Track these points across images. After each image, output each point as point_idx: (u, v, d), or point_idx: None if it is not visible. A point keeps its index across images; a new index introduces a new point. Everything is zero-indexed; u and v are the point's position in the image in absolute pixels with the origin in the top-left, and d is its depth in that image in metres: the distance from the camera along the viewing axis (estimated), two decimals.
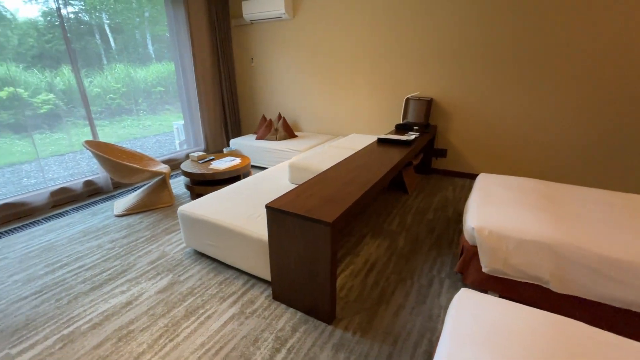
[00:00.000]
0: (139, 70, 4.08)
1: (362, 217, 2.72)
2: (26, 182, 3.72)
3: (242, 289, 1.84)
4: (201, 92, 4.28)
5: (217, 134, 4.63)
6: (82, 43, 3.37)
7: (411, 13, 3.37)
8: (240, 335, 1.52)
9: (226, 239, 1.92)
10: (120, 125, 4.23)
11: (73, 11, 3.23)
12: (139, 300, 1.76)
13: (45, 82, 3.16)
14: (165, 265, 2.07)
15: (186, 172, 3.03)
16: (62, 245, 2.33)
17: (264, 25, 4.32)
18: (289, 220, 1.53)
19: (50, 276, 1.97)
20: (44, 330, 1.56)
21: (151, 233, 2.47)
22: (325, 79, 4.13)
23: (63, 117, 3.29)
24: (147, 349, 1.45)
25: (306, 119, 4.50)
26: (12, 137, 3.21)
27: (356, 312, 1.67)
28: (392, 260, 2.12)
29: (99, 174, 3.34)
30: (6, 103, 2.91)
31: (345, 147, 2.99)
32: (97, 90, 3.68)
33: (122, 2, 3.69)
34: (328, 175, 2.02)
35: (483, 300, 1.13)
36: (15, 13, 2.88)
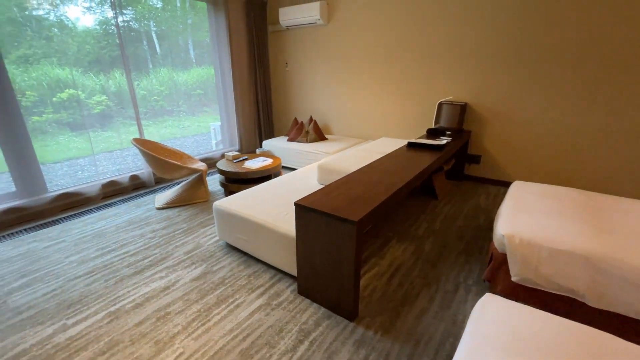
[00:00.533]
0: (181, 74, 4.36)
1: (388, 221, 2.72)
2: (80, 175, 4.10)
3: (270, 282, 1.93)
4: (237, 95, 4.48)
5: (251, 135, 4.82)
6: (132, 49, 3.67)
7: (446, 16, 3.33)
8: (266, 324, 1.60)
9: (256, 233, 2.02)
10: (163, 125, 4.54)
11: (125, 20, 3.54)
12: (175, 286, 1.90)
13: (99, 84, 3.48)
14: (200, 256, 2.21)
15: (221, 170, 3.21)
16: (110, 232, 2.56)
17: (299, 31, 4.46)
18: (316, 218, 1.59)
19: (100, 259, 2.19)
20: (94, 306, 1.74)
21: (188, 226, 2.65)
22: (356, 82, 4.18)
23: (113, 117, 3.61)
24: (182, 330, 1.57)
25: (337, 122, 4.56)
26: (70, 134, 3.56)
27: (379, 312, 1.69)
28: (418, 264, 2.11)
29: (143, 169, 3.62)
30: (66, 104, 3.25)
31: (374, 151, 3.01)
32: (143, 93, 3.98)
33: (168, 10, 3.98)
34: (355, 176, 2.06)
35: (507, 306, 1.12)
36: (76, 22, 3.20)
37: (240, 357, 1.42)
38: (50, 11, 2.96)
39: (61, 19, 3.04)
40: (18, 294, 1.84)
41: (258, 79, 4.61)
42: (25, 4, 2.81)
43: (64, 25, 3.09)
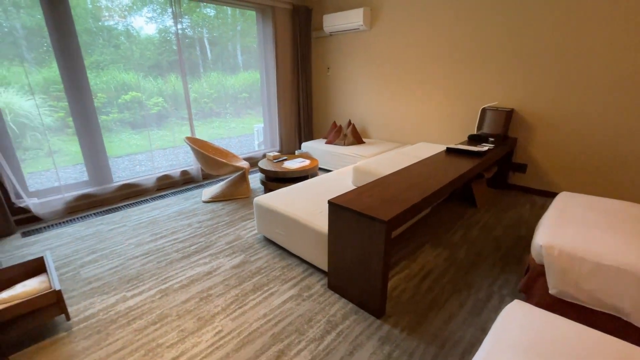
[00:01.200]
0: (229, 78, 4.66)
1: (423, 226, 2.71)
2: (139, 169, 4.56)
3: (302, 275, 2.03)
4: (280, 99, 4.70)
5: (291, 137, 5.02)
6: (186, 54, 4.00)
7: (493, 16, 3.24)
8: (297, 313, 1.71)
9: (291, 228, 2.15)
10: (211, 125, 4.88)
11: (181, 27, 3.88)
12: (217, 271, 2.08)
13: (157, 87, 3.85)
14: (240, 247, 2.38)
15: (262, 169, 3.40)
16: (162, 220, 2.85)
17: (341, 37, 4.57)
18: (348, 216, 1.66)
19: (153, 243, 2.45)
20: (148, 282, 1.97)
21: (230, 219, 2.86)
22: (397, 87, 4.18)
23: (168, 117, 3.97)
24: (221, 311, 1.73)
25: (375, 126, 4.59)
26: (131, 132, 3.98)
27: (406, 312, 1.72)
28: (450, 270, 2.09)
29: (192, 165, 3.94)
30: (129, 105, 3.65)
31: (411, 155, 3.01)
32: (195, 95, 4.32)
33: (220, 17, 4.29)
34: (390, 179, 2.10)
35: (535, 313, 1.11)
36: (140, 31, 3.57)
37: (271, 339, 1.54)
38: (119, 22, 3.36)
39: (128, 28, 3.43)
40: (88, 267, 2.14)
41: (300, 83, 4.80)
42: (99, 16, 3.23)
43: (129, 34, 3.48)
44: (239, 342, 1.52)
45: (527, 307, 1.16)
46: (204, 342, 1.53)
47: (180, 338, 1.55)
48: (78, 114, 3.05)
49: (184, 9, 3.73)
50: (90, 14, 3.19)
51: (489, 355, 0.96)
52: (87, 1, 3.11)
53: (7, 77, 2.81)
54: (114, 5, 3.27)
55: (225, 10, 4.28)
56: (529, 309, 1.15)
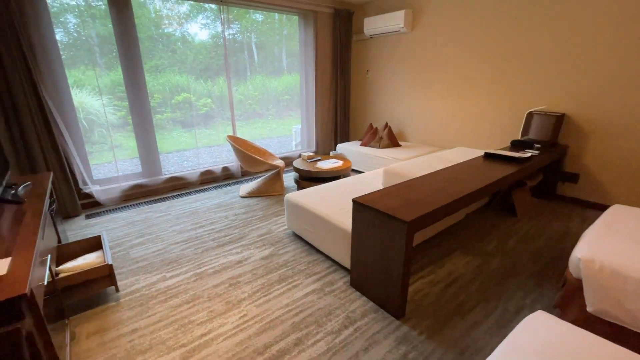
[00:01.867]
0: (273, 80, 4.86)
1: (454, 232, 2.63)
2: (185, 164, 4.93)
3: (326, 271, 2.09)
4: (318, 101, 4.81)
5: (327, 138, 5.10)
6: (234, 58, 4.25)
7: (541, 13, 3.04)
8: (317, 306, 1.76)
9: (318, 225, 2.21)
10: (253, 126, 5.11)
11: (231, 33, 4.13)
12: (247, 261, 2.21)
13: (206, 89, 4.15)
14: (270, 240, 2.50)
15: (296, 168, 3.52)
16: (202, 211, 3.08)
17: (382, 39, 4.57)
18: (371, 215, 1.69)
19: (193, 232, 2.66)
20: (185, 266, 2.16)
21: (263, 213, 3.00)
22: (437, 90, 4.08)
23: (214, 117, 4.25)
24: (247, 297, 1.84)
25: (413, 129, 4.51)
26: (181, 130, 4.31)
27: (427, 316, 1.69)
28: (479, 279, 2.01)
29: (233, 162, 4.19)
30: (180, 105, 3.97)
31: (446, 159, 2.93)
32: (240, 97, 4.57)
33: (267, 22, 4.50)
34: (419, 181, 2.09)
35: (558, 324, 1.05)
36: (194, 37, 3.88)
37: (291, 328, 1.61)
38: (177, 29, 3.68)
39: (184, 34, 3.74)
40: (137, 249, 2.40)
41: (339, 86, 4.87)
42: (160, 24, 3.57)
43: (185, 40, 3.79)
44: (261, 327, 1.62)
45: (550, 318, 1.10)
46: (230, 323, 1.65)
47: (209, 318, 1.69)
48: (136, 113, 3.40)
49: (235, 15, 3.98)
50: (152, 22, 3.54)
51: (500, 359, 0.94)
52: (150, 11, 3.46)
53: (82, 79, 3.23)
54: (173, 13, 3.60)
55: (272, 15, 4.47)
56: (552, 320, 1.09)
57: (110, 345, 1.52)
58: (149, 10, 3.46)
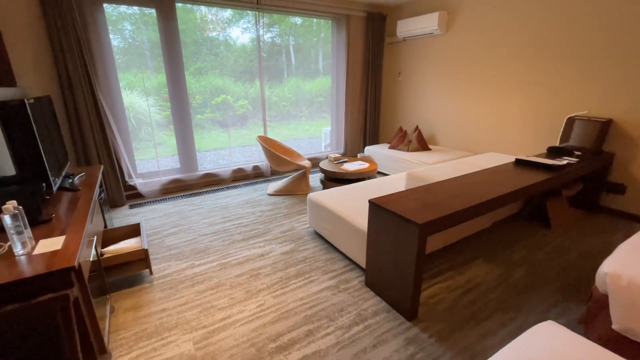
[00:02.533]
0: (307, 83, 4.97)
1: (479, 239, 2.56)
2: (220, 162, 5.21)
3: (342, 270, 2.14)
4: (348, 103, 4.86)
5: (356, 140, 5.14)
6: (273, 61, 4.41)
7: (585, 11, 2.86)
8: (331, 302, 1.83)
9: (337, 225, 2.27)
10: (287, 127, 5.27)
11: (270, 36, 4.29)
12: (268, 255, 2.33)
13: (244, 91, 4.36)
14: (291, 236, 2.61)
15: (322, 169, 3.60)
16: (232, 207, 3.26)
17: (414, 42, 4.52)
18: (385, 216, 1.72)
19: (221, 225, 2.84)
20: (212, 256, 2.32)
21: (288, 211, 3.12)
22: (471, 93, 3.97)
23: (249, 118, 4.46)
24: (266, 288, 1.95)
25: (444, 133, 4.42)
26: (218, 130, 4.55)
27: (440, 320, 1.69)
28: (500, 288, 1.96)
29: (263, 161, 4.37)
30: (219, 106, 4.21)
31: (474, 164, 2.85)
32: (276, 99, 4.73)
33: (305, 26, 4.60)
34: (440, 185, 2.07)
35: (566, 335, 1.03)
36: (236, 40, 4.08)
37: (304, 319, 1.69)
38: (220, 33, 3.91)
39: (226, 38, 3.97)
40: (171, 238, 2.61)
41: (369, 88, 4.89)
42: (205, 28, 3.82)
43: (227, 44, 4.00)
44: (276, 317, 1.71)
45: (560, 329, 1.08)
46: (248, 310, 1.76)
47: (230, 304, 1.82)
48: (177, 113, 3.68)
49: (274, 19, 4.14)
50: (198, 27, 3.80)
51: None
52: (197, 17, 3.72)
53: (133, 81, 3.56)
54: (217, 18, 3.84)
55: (310, 18, 4.56)
56: (562, 330, 1.07)
57: (142, 321, 1.70)
58: (195, 16, 3.72)
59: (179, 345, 1.54)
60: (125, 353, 1.50)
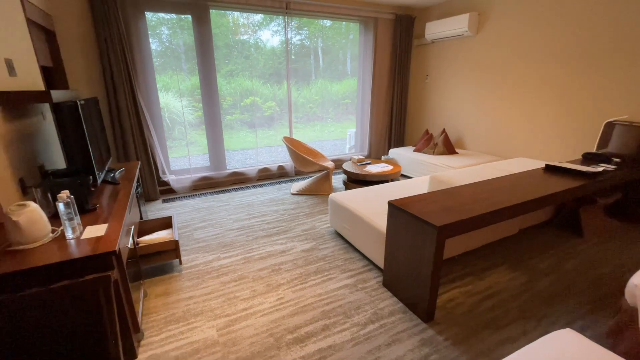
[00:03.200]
0: (334, 84, 5.01)
1: (504, 246, 2.49)
2: (248, 161, 5.39)
3: (360, 269, 2.18)
4: (374, 105, 4.87)
5: (380, 143, 5.13)
6: (301, 63, 4.50)
7: (630, 10, 2.70)
8: (348, 300, 1.87)
9: (357, 225, 2.31)
10: (312, 129, 5.35)
11: (299, 38, 4.38)
12: (290, 252, 2.41)
13: (272, 93, 4.48)
14: (312, 235, 2.68)
15: (345, 170, 3.65)
16: (257, 204, 3.39)
17: (443, 44, 4.46)
18: (404, 218, 1.74)
19: (246, 221, 2.96)
20: (237, 250, 2.44)
21: (310, 211, 3.19)
22: (501, 96, 3.85)
23: (276, 120, 4.58)
24: (286, 282, 2.03)
25: (472, 137, 4.31)
26: (247, 131, 4.72)
27: (457, 324, 1.68)
28: (523, 297, 1.91)
29: (288, 162, 4.48)
30: (248, 107, 4.36)
31: (501, 169, 2.78)
32: (303, 101, 4.82)
33: (334, 27, 4.65)
34: (461, 189, 2.06)
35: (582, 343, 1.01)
36: (266, 43, 4.21)
37: (321, 314, 1.75)
38: (251, 36, 4.05)
39: (257, 41, 4.11)
40: (199, 231, 2.77)
41: (395, 91, 4.87)
42: (237, 32, 3.98)
43: (258, 46, 4.13)
44: (294, 310, 1.78)
45: (577, 337, 1.06)
46: (268, 303, 1.85)
47: (251, 296, 1.91)
48: (209, 114, 3.88)
49: (303, 22, 4.24)
50: (230, 30, 3.97)
51: None
52: (229, 20, 3.90)
53: (169, 83, 3.79)
54: (249, 22, 3.99)
55: (339, 20, 4.60)
56: (579, 338, 1.05)
57: (171, 306, 1.83)
58: (228, 20, 3.89)
59: (203, 330, 1.65)
60: (156, 334, 1.63)
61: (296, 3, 3.86)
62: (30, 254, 1.25)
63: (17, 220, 1.24)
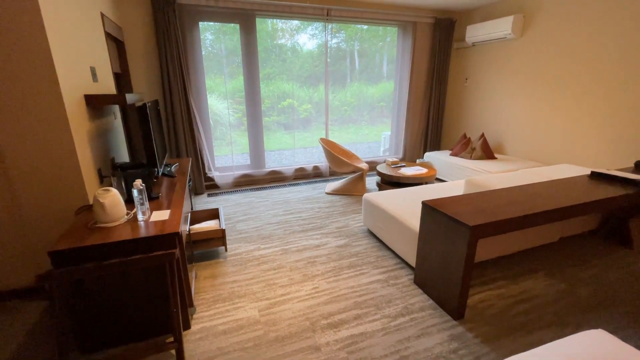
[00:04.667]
0: (370, 87, 5.08)
1: (543, 253, 2.44)
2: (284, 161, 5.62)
3: (392, 267, 2.26)
4: (410, 108, 4.88)
5: (415, 146, 5.12)
6: (336, 66, 4.63)
7: None
8: (379, 293, 1.96)
9: (390, 224, 2.39)
10: (346, 131, 5.46)
11: (336, 42, 4.50)
12: (324, 247, 2.54)
13: (308, 96, 4.66)
14: (346, 232, 2.79)
15: (379, 172, 3.71)
16: (293, 202, 3.56)
17: (484, 47, 4.38)
18: (437, 218, 1.80)
19: (283, 217, 3.14)
20: (275, 242, 2.62)
21: (343, 210, 3.31)
22: (545, 100, 3.72)
23: (312, 122, 4.75)
24: (320, 274, 2.17)
25: (513, 142, 4.19)
26: (283, 132, 4.93)
27: (487, 323, 1.71)
28: (560, 303, 1.88)
29: (322, 163, 4.63)
30: (285, 110, 4.57)
31: (543, 175, 2.71)
32: (337, 103, 4.95)
33: (371, 30, 4.72)
34: (497, 193, 2.07)
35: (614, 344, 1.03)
36: (303, 47, 4.38)
37: (353, 305, 1.86)
38: (289, 40, 4.25)
39: (294, 44, 4.30)
40: (241, 223, 2.99)
41: (433, 94, 4.85)
42: (275, 36, 4.21)
43: (295, 50, 4.31)
44: (328, 299, 1.91)
45: (609, 337, 1.08)
46: (304, 290, 1.99)
47: (289, 283, 2.07)
48: (250, 115, 4.14)
49: (341, 26, 4.38)
50: (269, 35, 4.20)
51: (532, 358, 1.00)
52: (268, 25, 4.13)
53: (213, 86, 4.09)
54: (287, 26, 4.20)
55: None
56: (612, 339, 1.07)
57: (218, 288, 2.03)
58: (267, 25, 4.12)
59: (246, 310, 1.82)
60: (206, 310, 1.83)
61: (337, 10, 4.00)
62: (112, 231, 1.49)
63: (103, 202, 1.48)
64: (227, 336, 1.63)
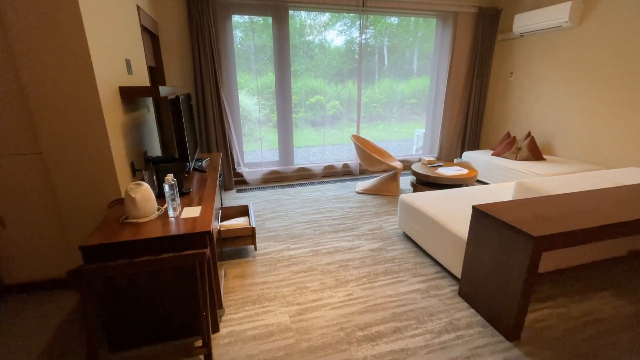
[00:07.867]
0: (400, 83, 4.87)
1: (608, 269, 2.15)
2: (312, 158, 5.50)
3: (433, 275, 2.07)
4: (447, 105, 4.60)
5: (452, 145, 4.83)
6: (365, 62, 4.44)
7: None
8: (420, 305, 1.79)
9: (431, 229, 2.20)
10: (375, 128, 5.25)
11: (364, 37, 4.32)
12: (357, 249, 2.40)
13: (336, 92, 4.50)
14: (379, 235, 2.62)
15: (415, 171, 3.50)
16: (322, 200, 3.44)
17: (534, 37, 4.01)
18: (491, 225, 1.60)
19: (313, 216, 3.03)
20: (305, 242, 2.51)
21: (376, 210, 3.14)
22: (604, 97, 3.33)
23: (340, 119, 4.60)
24: (354, 279, 2.02)
25: (564, 141, 3.81)
26: (311, 129, 4.81)
27: (549, 348, 1.49)
28: (635, 330, 1.62)
29: (353, 160, 4.47)
30: (312, 106, 4.44)
31: (607, 179, 2.40)
32: (366, 100, 4.76)
33: (401, 25, 4.51)
34: (556, 198, 1.83)
35: None
36: (330, 43, 4.24)
37: (391, 316, 1.70)
38: (316, 36, 4.12)
39: (322, 41, 4.17)
40: (270, 221, 2.91)
41: (473, 90, 4.53)
42: (303, 32, 4.08)
43: (322, 46, 4.19)
44: (364, 308, 1.76)
45: None
46: (337, 297, 1.86)
47: (321, 288, 1.94)
48: (281, 112, 4.05)
49: (370, 21, 4.20)
50: (297, 31, 4.09)
51: None
52: (296, 21, 4.02)
53: (242, 82, 4.04)
54: (315, 23, 4.07)
55: (408, 18, 4.47)
56: None
57: (247, 288, 1.95)
58: (295, 22, 4.01)
59: (277, 315, 1.72)
60: (235, 312, 1.75)
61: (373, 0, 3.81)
62: (142, 227, 1.43)
63: (135, 196, 1.43)
64: (256, 342, 1.54)
